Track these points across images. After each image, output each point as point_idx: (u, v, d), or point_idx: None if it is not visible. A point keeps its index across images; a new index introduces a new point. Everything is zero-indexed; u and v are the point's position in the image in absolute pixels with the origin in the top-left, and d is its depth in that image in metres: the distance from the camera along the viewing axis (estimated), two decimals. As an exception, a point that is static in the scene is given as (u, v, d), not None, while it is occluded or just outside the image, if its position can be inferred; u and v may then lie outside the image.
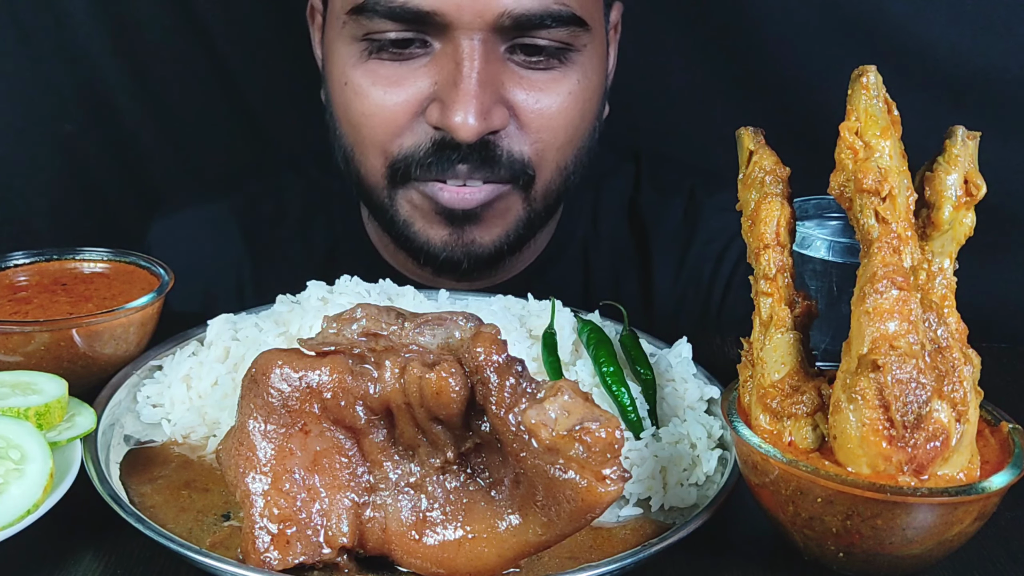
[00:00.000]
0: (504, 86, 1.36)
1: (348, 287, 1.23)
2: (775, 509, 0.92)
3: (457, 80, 1.31)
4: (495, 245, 1.47)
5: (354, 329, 0.94)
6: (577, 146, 1.46)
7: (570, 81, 1.39)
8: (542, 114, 1.38)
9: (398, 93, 1.36)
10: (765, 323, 0.97)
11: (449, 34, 1.31)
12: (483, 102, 1.31)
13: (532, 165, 1.41)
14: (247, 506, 0.89)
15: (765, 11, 1.93)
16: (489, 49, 1.32)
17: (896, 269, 0.89)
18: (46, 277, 1.25)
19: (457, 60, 1.31)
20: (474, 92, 1.30)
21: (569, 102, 1.40)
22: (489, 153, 1.37)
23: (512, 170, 1.40)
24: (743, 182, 1.04)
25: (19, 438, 0.93)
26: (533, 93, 1.37)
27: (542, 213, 1.49)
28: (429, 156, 1.38)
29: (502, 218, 1.46)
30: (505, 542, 0.87)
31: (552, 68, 1.38)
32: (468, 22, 1.29)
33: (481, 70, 1.31)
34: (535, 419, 0.83)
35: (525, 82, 1.37)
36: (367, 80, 1.38)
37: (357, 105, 1.40)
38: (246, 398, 0.91)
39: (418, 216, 1.46)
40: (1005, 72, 1.86)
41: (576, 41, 1.38)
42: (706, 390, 1.15)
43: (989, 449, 0.92)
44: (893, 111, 0.94)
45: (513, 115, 1.37)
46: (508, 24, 1.30)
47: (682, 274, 1.69)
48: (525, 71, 1.37)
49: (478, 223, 1.45)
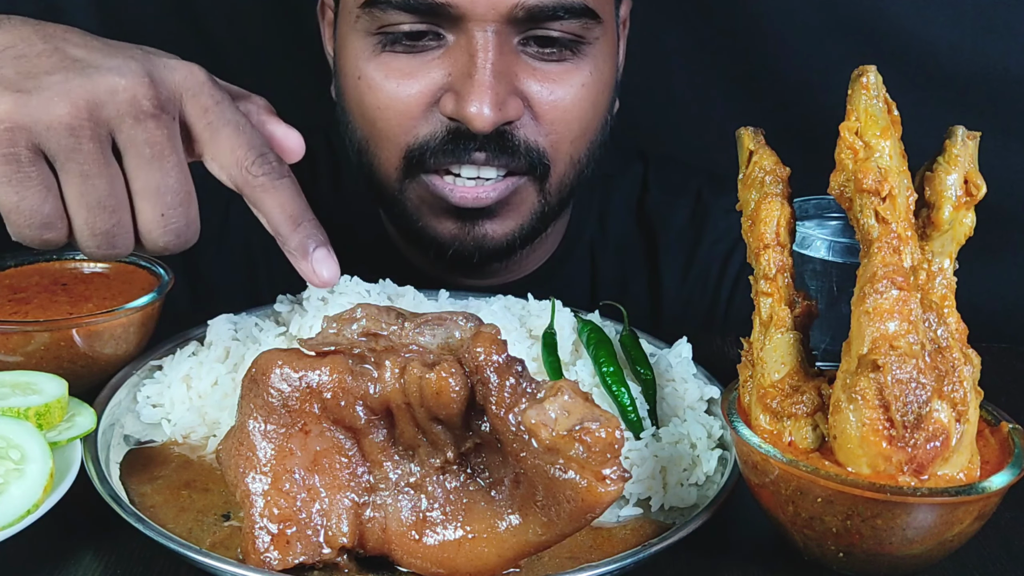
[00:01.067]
0: (518, 77, 1.36)
1: (348, 287, 1.23)
2: (775, 509, 0.92)
3: (471, 71, 1.31)
4: (507, 239, 1.47)
5: (354, 329, 0.94)
6: (590, 139, 1.46)
7: (583, 73, 1.40)
8: (556, 106, 1.39)
9: (412, 85, 1.37)
10: (765, 323, 0.97)
11: (463, 26, 1.32)
12: (498, 92, 1.31)
13: (547, 156, 1.41)
14: (247, 506, 0.89)
15: (765, 11, 1.93)
16: (503, 40, 1.32)
17: (896, 269, 0.89)
18: (46, 277, 1.25)
19: (471, 52, 1.31)
20: (489, 83, 1.30)
21: (582, 94, 1.40)
22: (506, 142, 1.37)
23: (530, 159, 1.40)
24: (743, 182, 1.04)
25: (19, 438, 0.93)
26: (547, 84, 1.38)
27: (556, 207, 1.49)
28: (446, 143, 1.38)
29: (517, 211, 1.46)
30: (505, 542, 0.87)
31: (565, 60, 1.38)
32: (482, 14, 1.30)
33: (495, 61, 1.31)
34: (535, 419, 0.83)
35: (539, 74, 1.37)
36: (380, 73, 1.38)
37: (371, 98, 1.40)
38: (246, 398, 0.91)
39: (426, 210, 1.46)
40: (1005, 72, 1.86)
41: (588, 34, 1.38)
42: (706, 390, 1.16)
43: (989, 449, 0.92)
44: (893, 111, 0.95)
45: (527, 106, 1.38)
46: (522, 15, 1.31)
47: (689, 275, 1.70)
48: (538, 63, 1.37)
49: (492, 217, 1.45)
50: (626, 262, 1.72)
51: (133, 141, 0.95)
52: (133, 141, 0.95)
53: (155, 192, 0.97)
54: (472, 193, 1.40)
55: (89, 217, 0.95)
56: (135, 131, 0.95)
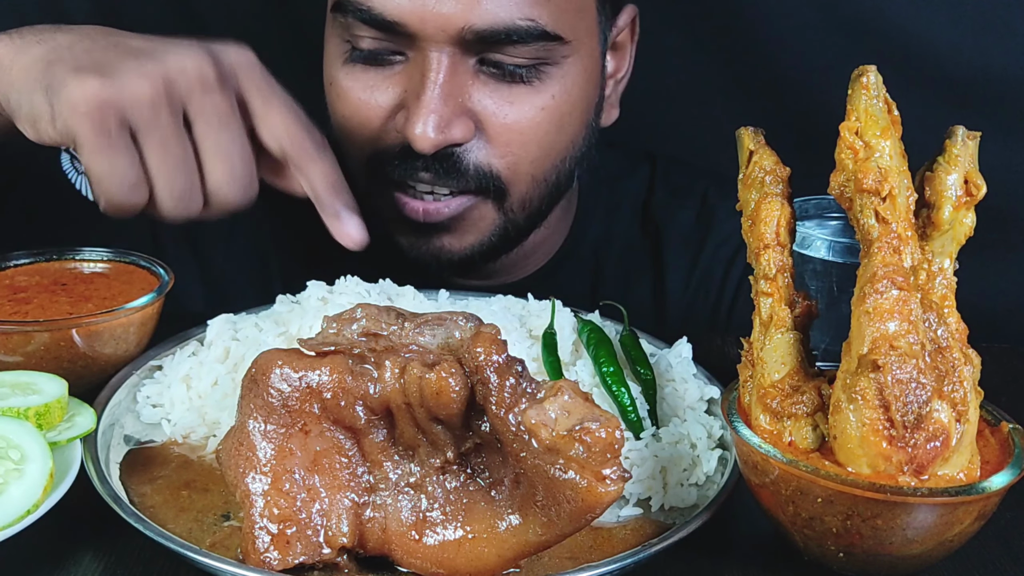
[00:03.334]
0: (471, 99, 1.34)
1: (348, 287, 1.23)
2: (775, 509, 0.92)
3: (420, 92, 1.31)
4: (465, 253, 1.46)
5: (354, 329, 0.94)
6: (556, 159, 1.43)
7: (543, 96, 1.37)
8: (510, 128, 1.36)
9: (374, 97, 1.38)
10: (765, 323, 0.97)
11: (418, 45, 1.31)
12: (442, 115, 1.30)
13: (502, 178, 1.39)
14: (247, 506, 0.89)
15: (765, 11, 1.93)
16: (456, 62, 1.31)
17: (896, 269, 0.89)
18: (46, 277, 1.25)
19: (423, 71, 1.31)
20: (433, 105, 1.30)
21: (542, 117, 1.37)
22: (452, 164, 1.36)
23: (480, 181, 1.38)
24: (743, 182, 1.04)
25: (19, 438, 0.93)
26: (503, 107, 1.35)
27: (521, 223, 1.47)
28: (396, 158, 1.38)
29: (475, 226, 1.45)
30: (505, 542, 0.87)
31: (523, 82, 1.35)
32: (432, 35, 1.29)
33: (445, 83, 1.30)
34: (535, 419, 0.83)
35: (495, 95, 1.35)
36: (347, 82, 1.39)
37: (339, 105, 1.42)
38: (246, 398, 0.91)
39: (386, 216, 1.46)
40: (1005, 72, 1.85)
41: (552, 55, 1.35)
42: (706, 390, 1.15)
43: (989, 449, 0.92)
44: (893, 111, 0.95)
45: (480, 128, 1.36)
46: (471, 39, 1.29)
47: (694, 276, 1.69)
48: (495, 83, 1.35)
49: (448, 232, 1.44)
50: (630, 263, 1.71)
51: (202, 111, 1.09)
52: (202, 111, 1.09)
53: (224, 153, 1.10)
54: (422, 207, 1.40)
55: (169, 179, 1.08)
56: (204, 102, 1.08)
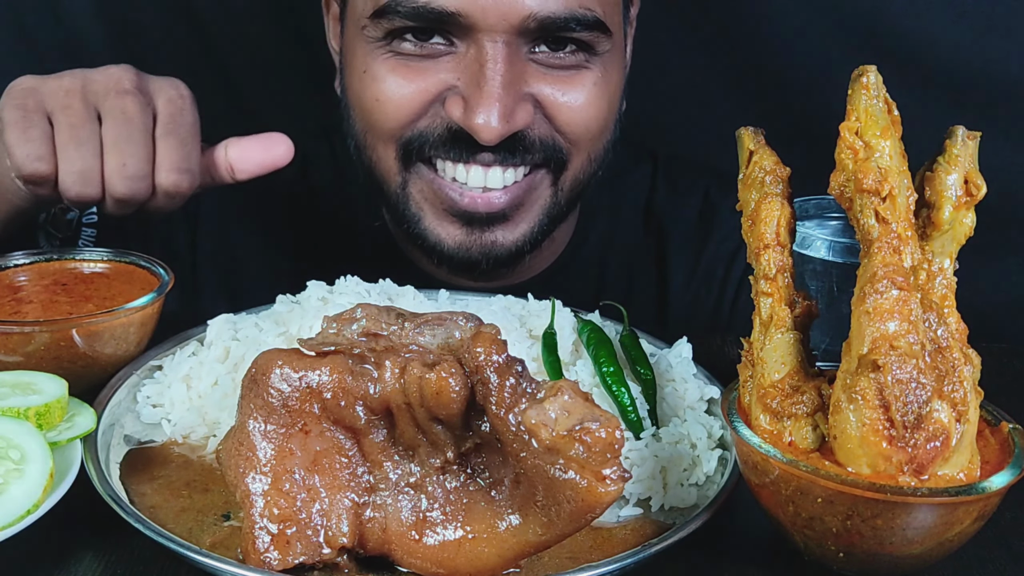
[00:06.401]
0: (528, 84, 1.36)
1: (348, 287, 1.23)
2: (775, 509, 0.92)
3: (480, 82, 1.31)
4: (517, 245, 1.47)
5: (354, 329, 0.94)
6: (607, 138, 1.48)
7: (593, 74, 1.41)
8: (570, 106, 1.39)
9: (417, 82, 1.37)
10: (765, 323, 0.97)
11: (473, 35, 1.32)
12: (506, 104, 1.32)
13: (563, 150, 1.42)
14: (247, 506, 0.89)
15: (765, 11, 1.93)
16: (513, 51, 1.33)
17: (896, 269, 0.89)
18: (46, 277, 1.25)
19: (481, 61, 1.32)
20: (497, 95, 1.31)
21: (596, 92, 1.41)
22: (517, 144, 1.38)
23: (545, 152, 1.41)
24: (743, 182, 1.04)
25: (19, 438, 0.93)
26: (559, 87, 1.38)
27: (565, 206, 1.50)
28: (446, 141, 1.38)
29: (529, 211, 1.46)
30: (505, 542, 0.87)
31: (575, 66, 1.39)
32: (492, 24, 1.30)
33: (505, 72, 1.31)
34: (535, 419, 0.83)
35: (549, 78, 1.38)
36: (386, 67, 1.39)
37: (372, 90, 1.40)
38: (246, 398, 0.91)
39: (428, 211, 1.46)
40: (1005, 72, 1.86)
41: (598, 46, 1.39)
42: (706, 390, 1.15)
43: (989, 449, 0.92)
44: (893, 111, 0.94)
45: (540, 110, 1.38)
46: (533, 27, 1.31)
47: (696, 274, 1.70)
48: (548, 70, 1.38)
49: (503, 223, 1.45)
50: (633, 261, 1.72)
51: (111, 109, 1.19)
52: (111, 109, 1.19)
53: (120, 147, 1.18)
54: (480, 197, 1.41)
55: (71, 158, 1.17)
56: (114, 102, 1.19)
